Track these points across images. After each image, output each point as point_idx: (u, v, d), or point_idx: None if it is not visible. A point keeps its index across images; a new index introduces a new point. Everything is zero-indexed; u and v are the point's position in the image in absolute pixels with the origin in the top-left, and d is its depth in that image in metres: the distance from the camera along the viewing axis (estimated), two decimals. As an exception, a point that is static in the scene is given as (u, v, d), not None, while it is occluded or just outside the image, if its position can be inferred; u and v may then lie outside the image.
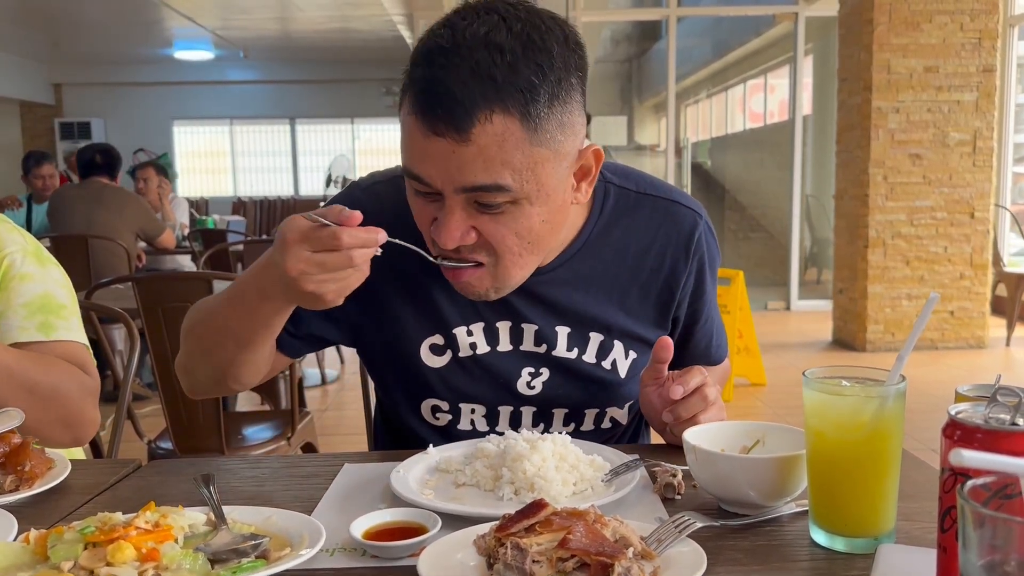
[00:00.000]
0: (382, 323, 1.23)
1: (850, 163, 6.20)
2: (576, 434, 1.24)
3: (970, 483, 0.55)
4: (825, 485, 0.85)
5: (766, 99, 11.01)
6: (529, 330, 1.21)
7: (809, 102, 8.73)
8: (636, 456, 1.07)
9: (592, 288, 1.21)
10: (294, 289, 0.96)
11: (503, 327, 1.20)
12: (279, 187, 13.62)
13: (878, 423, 0.81)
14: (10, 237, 1.37)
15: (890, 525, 0.84)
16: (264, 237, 6.82)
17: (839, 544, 0.84)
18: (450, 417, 1.25)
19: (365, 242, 0.94)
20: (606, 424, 1.28)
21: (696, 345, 1.32)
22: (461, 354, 1.21)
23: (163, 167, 6.18)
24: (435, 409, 1.25)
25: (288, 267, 0.94)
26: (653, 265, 1.22)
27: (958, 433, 0.66)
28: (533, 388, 1.23)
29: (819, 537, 0.85)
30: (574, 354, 1.22)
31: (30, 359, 1.25)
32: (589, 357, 1.22)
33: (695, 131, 12.94)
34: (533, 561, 0.74)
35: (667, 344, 1.10)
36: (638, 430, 1.38)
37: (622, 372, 1.24)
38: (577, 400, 1.24)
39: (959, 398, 0.78)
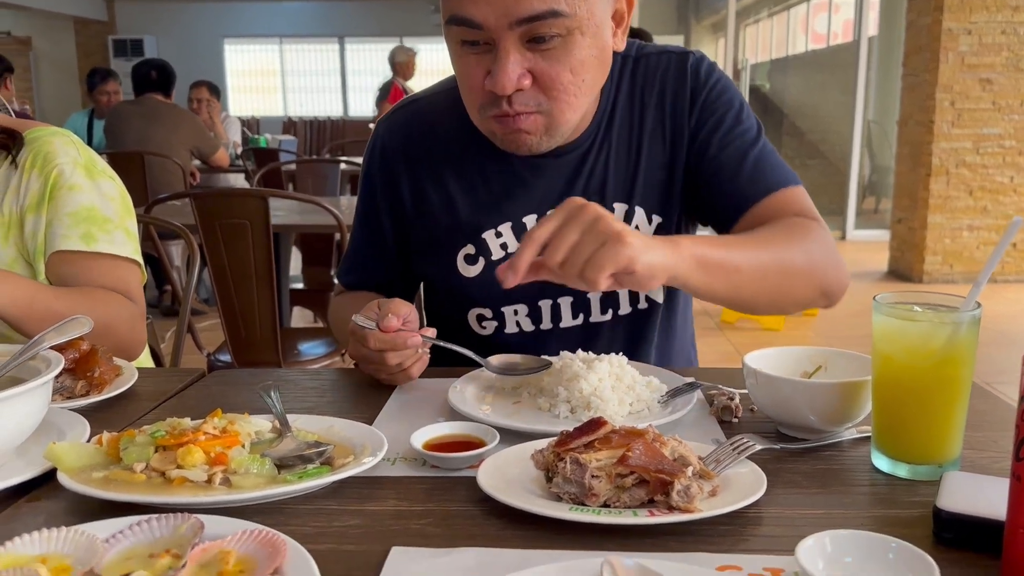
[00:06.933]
0: (422, 241, 1.29)
1: (916, 87, 5.96)
2: (615, 319, 1.26)
3: (1054, 410, 0.53)
4: (891, 411, 0.83)
5: (830, 19, 10.57)
6: None
7: (875, 22, 8.35)
8: (692, 379, 1.06)
9: (610, 157, 1.24)
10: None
11: (529, 221, 1.23)
12: (329, 107, 13.58)
13: (950, 350, 0.79)
14: (64, 149, 1.39)
15: (956, 453, 0.83)
16: (315, 157, 6.83)
17: (902, 470, 0.83)
18: (496, 324, 1.28)
19: (393, 345, 1.04)
20: (642, 304, 1.28)
21: (724, 174, 1.20)
22: (494, 257, 1.25)
23: (216, 87, 6.17)
24: (480, 318, 1.29)
25: (349, 352, 1.14)
26: (657, 115, 1.24)
27: (1039, 361, 0.64)
28: None
29: (881, 463, 0.84)
30: None
31: (82, 302, 1.27)
32: None
33: (754, 52, 12.50)
34: (592, 476, 0.74)
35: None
36: (673, 309, 1.35)
37: None
38: None
39: (1038, 326, 0.75)
